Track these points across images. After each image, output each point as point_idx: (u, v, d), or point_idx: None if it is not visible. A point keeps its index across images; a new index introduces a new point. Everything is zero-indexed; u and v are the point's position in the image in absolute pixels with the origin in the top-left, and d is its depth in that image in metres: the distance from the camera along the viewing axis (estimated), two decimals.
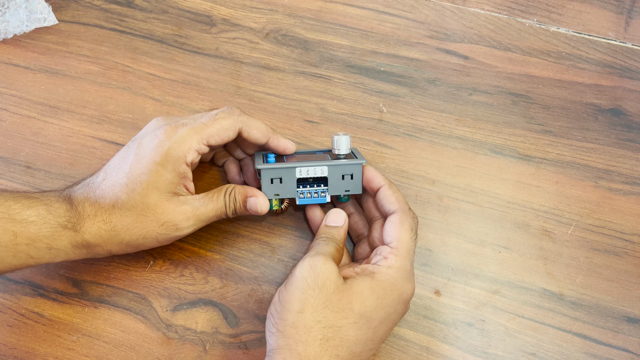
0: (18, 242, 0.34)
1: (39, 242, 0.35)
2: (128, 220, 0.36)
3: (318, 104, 0.50)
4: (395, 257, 0.36)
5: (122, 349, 0.41)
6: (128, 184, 0.37)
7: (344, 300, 0.34)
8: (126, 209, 0.36)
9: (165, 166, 0.37)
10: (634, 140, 0.48)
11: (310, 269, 0.34)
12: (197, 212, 0.38)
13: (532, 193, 0.46)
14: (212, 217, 0.39)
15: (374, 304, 0.34)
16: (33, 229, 0.34)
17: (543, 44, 0.52)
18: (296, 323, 0.33)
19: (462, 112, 0.49)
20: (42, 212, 0.35)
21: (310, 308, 0.33)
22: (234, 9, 0.55)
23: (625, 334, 0.41)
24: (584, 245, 0.44)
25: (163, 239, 0.38)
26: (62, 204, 0.36)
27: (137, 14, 0.55)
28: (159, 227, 0.37)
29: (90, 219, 0.36)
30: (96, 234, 0.36)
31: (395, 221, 0.38)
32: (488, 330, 0.42)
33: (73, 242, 0.36)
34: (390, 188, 0.39)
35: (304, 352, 0.32)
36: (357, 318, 0.34)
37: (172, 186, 0.37)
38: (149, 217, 0.37)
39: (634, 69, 0.51)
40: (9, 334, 0.42)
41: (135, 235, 0.37)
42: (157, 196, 0.36)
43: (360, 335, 0.34)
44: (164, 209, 0.37)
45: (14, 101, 0.51)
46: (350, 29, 0.53)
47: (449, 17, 0.54)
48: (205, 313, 0.42)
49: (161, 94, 0.51)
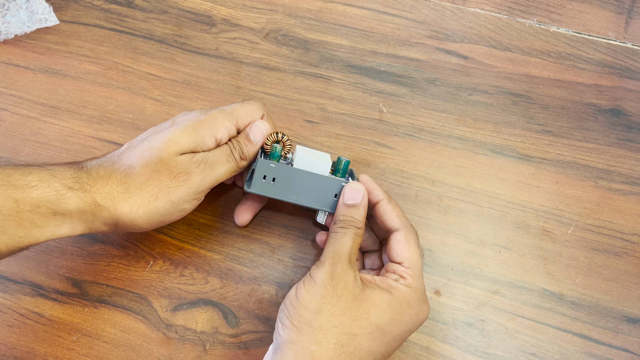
0: (21, 209, 0.32)
1: (43, 207, 0.33)
2: (142, 178, 0.36)
3: (318, 104, 0.50)
4: (412, 277, 0.36)
5: (122, 349, 0.41)
6: (150, 146, 0.37)
7: (361, 309, 0.34)
8: (142, 166, 0.36)
9: (197, 130, 0.37)
10: (633, 140, 0.48)
11: (330, 278, 0.34)
12: (205, 159, 0.37)
13: (532, 193, 0.46)
14: (222, 161, 0.38)
15: (390, 318, 0.34)
16: (36, 194, 0.33)
17: (543, 44, 0.52)
18: (312, 322, 0.33)
19: (462, 112, 0.49)
20: (44, 176, 0.34)
21: (328, 312, 0.33)
22: (234, 9, 0.55)
23: (625, 334, 0.41)
24: (584, 245, 0.44)
25: (175, 198, 0.36)
26: (67, 170, 0.35)
27: (137, 14, 0.55)
28: (171, 180, 0.36)
29: (103, 180, 0.35)
30: (108, 194, 0.35)
31: (402, 240, 0.37)
32: (488, 330, 0.42)
33: (80, 205, 0.34)
34: (389, 203, 0.39)
35: (317, 353, 0.32)
36: (372, 329, 0.34)
37: (191, 149, 0.37)
38: (162, 172, 0.36)
39: (633, 69, 0.51)
40: (9, 334, 0.42)
41: (147, 195, 0.36)
42: (174, 150, 0.36)
43: (374, 348, 0.34)
44: (177, 161, 0.36)
45: (14, 101, 0.51)
46: (350, 29, 0.53)
47: (449, 17, 0.54)
48: (205, 313, 0.42)
49: (161, 94, 0.51)
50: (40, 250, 0.44)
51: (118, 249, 0.44)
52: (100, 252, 0.44)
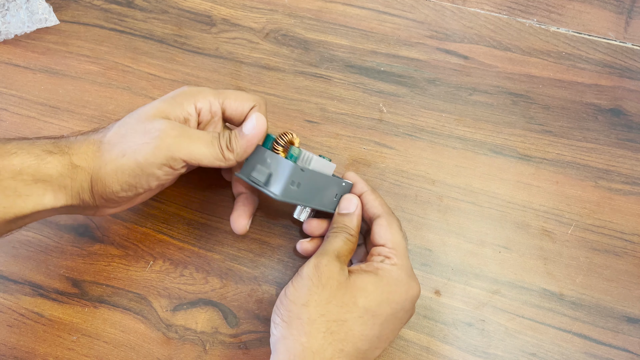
0: (2, 177, 0.32)
1: (25, 174, 0.33)
2: (115, 137, 0.35)
3: (318, 104, 0.50)
4: (396, 257, 0.37)
5: (122, 349, 0.41)
6: (130, 114, 0.36)
7: (348, 295, 0.34)
8: (118, 127, 0.36)
9: (175, 98, 0.37)
10: (634, 140, 0.48)
11: (315, 269, 0.35)
12: (184, 128, 0.35)
13: (532, 193, 0.46)
14: (203, 140, 0.36)
15: (379, 299, 0.35)
16: (16, 160, 0.33)
17: (543, 44, 0.52)
18: (300, 315, 0.33)
19: (462, 112, 0.49)
20: (24, 144, 0.34)
21: (314, 302, 0.34)
22: (234, 9, 0.55)
23: (625, 334, 0.41)
24: (584, 245, 0.44)
25: (141, 156, 0.34)
26: (46, 139, 0.35)
27: (137, 14, 0.55)
28: (141, 135, 0.35)
29: (79, 142, 0.36)
30: (83, 153, 0.35)
31: (384, 224, 0.38)
32: (488, 330, 0.42)
33: (59, 168, 0.34)
34: (372, 193, 0.40)
35: (307, 344, 0.32)
36: (361, 312, 0.34)
37: (173, 116, 0.36)
38: (135, 129, 0.35)
39: (634, 69, 0.51)
40: (9, 334, 0.42)
41: (116, 151, 0.35)
42: (152, 113, 0.36)
43: (366, 331, 0.34)
44: (152, 120, 0.35)
45: (14, 101, 0.51)
46: (350, 29, 0.53)
47: (449, 17, 0.54)
48: (205, 313, 0.42)
49: (161, 94, 0.51)
50: (40, 250, 0.44)
51: (118, 249, 0.44)
52: (100, 252, 0.44)
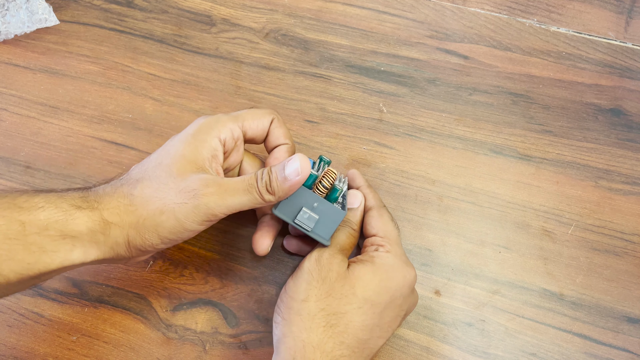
0: (28, 232, 0.30)
1: (51, 229, 0.31)
2: (148, 191, 0.34)
3: (318, 103, 0.50)
4: (389, 245, 0.37)
5: (122, 349, 0.41)
6: (157, 159, 0.35)
7: (346, 286, 0.34)
8: (149, 179, 0.34)
9: (197, 136, 0.36)
10: (634, 140, 0.48)
11: (316, 263, 0.35)
12: (220, 183, 0.34)
13: (532, 193, 0.46)
14: (240, 190, 0.34)
15: (377, 287, 0.35)
16: (43, 215, 0.31)
17: (543, 43, 0.52)
18: (301, 311, 0.33)
19: (462, 112, 0.49)
20: (52, 197, 0.32)
21: (314, 297, 0.33)
22: (234, 9, 0.55)
23: (625, 334, 0.41)
24: (584, 245, 0.44)
25: (181, 215, 0.33)
26: (75, 191, 0.34)
27: (137, 14, 0.55)
28: (176, 194, 0.33)
29: (109, 196, 0.34)
30: (115, 208, 0.33)
31: (375, 215, 0.40)
32: (488, 330, 0.42)
33: (89, 224, 0.32)
34: (367, 188, 0.42)
35: (308, 339, 0.32)
36: (361, 303, 0.34)
37: (201, 159, 0.35)
38: (169, 185, 0.34)
39: (634, 69, 0.51)
40: (8, 334, 0.42)
41: (153, 208, 0.33)
42: (182, 165, 0.34)
43: (367, 321, 0.34)
44: (185, 176, 0.34)
45: (14, 101, 0.51)
46: (350, 28, 0.53)
47: (449, 17, 0.54)
48: (205, 313, 0.42)
49: (161, 94, 0.51)
50: None
51: None
52: None
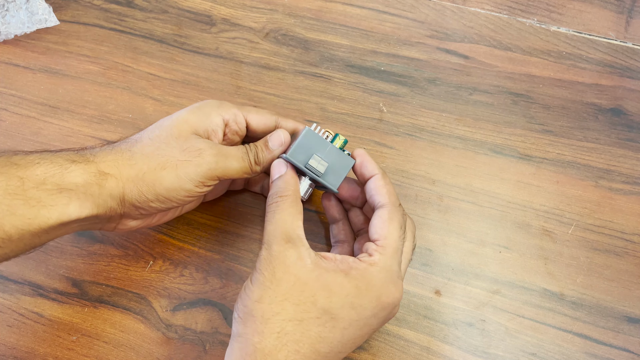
0: (26, 187, 0.31)
1: (49, 183, 0.32)
2: (149, 148, 0.35)
3: (318, 103, 0.50)
4: (380, 255, 0.33)
5: (122, 349, 0.41)
6: (156, 124, 0.37)
7: (306, 293, 0.31)
8: (149, 139, 0.35)
9: (202, 109, 0.37)
10: (634, 140, 0.48)
11: (267, 262, 0.32)
12: (220, 147, 0.36)
13: (532, 193, 0.46)
14: (236, 157, 0.37)
15: (341, 302, 0.32)
16: (39, 170, 0.32)
17: (543, 43, 0.52)
18: (254, 312, 0.31)
19: (463, 112, 0.49)
20: (46, 154, 0.33)
21: (268, 299, 0.31)
22: (234, 9, 0.55)
23: (625, 334, 0.41)
24: (585, 245, 0.44)
25: (182, 172, 0.35)
26: (68, 150, 0.35)
27: (137, 14, 0.55)
28: (180, 152, 0.35)
29: (106, 151, 0.35)
30: (112, 161, 0.34)
31: (384, 217, 0.35)
32: (488, 330, 0.42)
33: (85, 176, 0.33)
34: (383, 179, 0.36)
35: (260, 344, 0.30)
36: (319, 313, 0.31)
37: (202, 127, 0.37)
38: (171, 144, 0.35)
39: (634, 69, 0.51)
40: (8, 334, 0.42)
41: (154, 163, 0.34)
42: (184, 128, 0.36)
43: (325, 334, 0.31)
44: (187, 137, 0.35)
45: (14, 101, 0.51)
46: (350, 28, 0.53)
47: (449, 16, 0.54)
48: (205, 313, 0.42)
49: (161, 94, 0.51)
50: (40, 250, 0.44)
51: (118, 248, 0.44)
52: (99, 252, 0.44)
